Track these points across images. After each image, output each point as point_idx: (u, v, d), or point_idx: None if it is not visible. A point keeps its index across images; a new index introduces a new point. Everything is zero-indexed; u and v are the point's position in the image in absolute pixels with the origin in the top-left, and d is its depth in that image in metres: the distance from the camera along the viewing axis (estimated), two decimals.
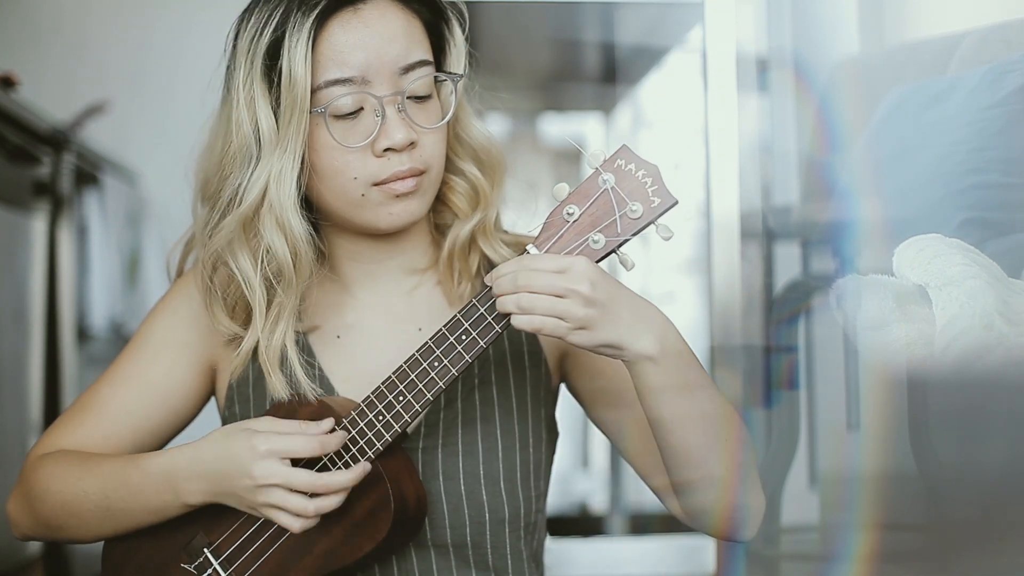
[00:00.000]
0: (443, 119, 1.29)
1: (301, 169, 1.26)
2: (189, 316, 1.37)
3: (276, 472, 1.19)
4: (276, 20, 1.25)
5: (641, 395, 1.20)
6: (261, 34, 1.26)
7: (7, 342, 2.26)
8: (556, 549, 3.33)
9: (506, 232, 1.41)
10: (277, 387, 1.30)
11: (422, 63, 1.28)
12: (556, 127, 5.58)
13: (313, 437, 1.21)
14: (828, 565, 1.90)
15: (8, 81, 2.33)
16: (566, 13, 3.90)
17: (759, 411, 2.27)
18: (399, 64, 1.26)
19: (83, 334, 2.62)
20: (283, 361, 1.31)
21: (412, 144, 1.26)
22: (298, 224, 1.27)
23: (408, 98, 1.26)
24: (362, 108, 1.26)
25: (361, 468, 1.22)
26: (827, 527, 2.23)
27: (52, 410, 2.43)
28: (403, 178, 1.26)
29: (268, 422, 1.23)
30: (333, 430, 1.23)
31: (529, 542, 1.37)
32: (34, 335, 2.41)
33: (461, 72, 1.32)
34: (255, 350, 1.31)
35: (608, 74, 4.84)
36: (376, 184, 1.26)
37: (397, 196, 1.26)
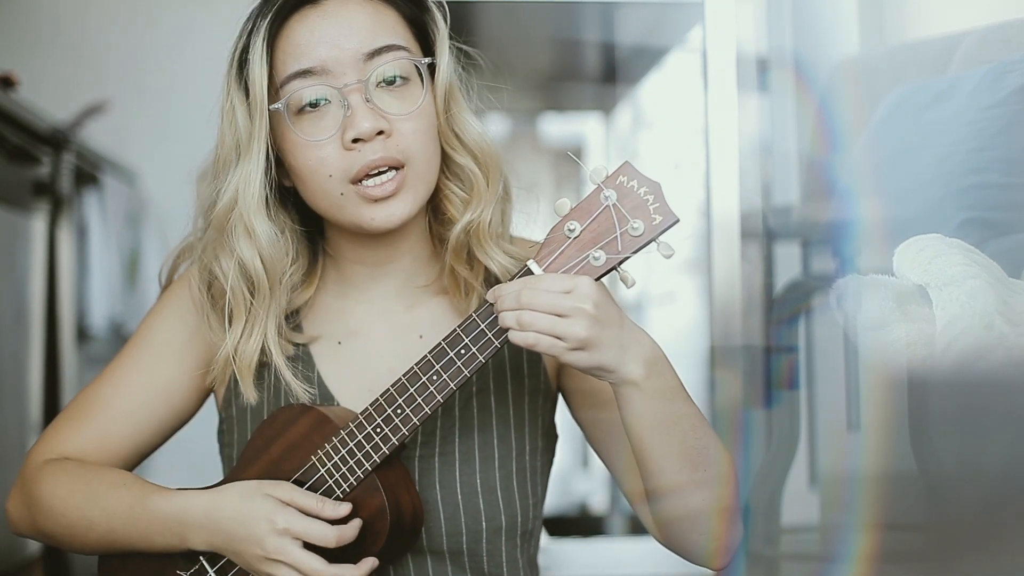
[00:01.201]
0: (428, 109, 1.27)
1: (267, 170, 1.26)
2: (190, 317, 1.37)
3: (288, 552, 1.19)
4: (248, 29, 1.28)
5: (624, 419, 1.20)
6: (236, 45, 1.29)
7: (7, 342, 2.26)
8: (555, 549, 3.32)
9: (512, 238, 1.39)
10: (248, 393, 1.30)
11: (389, 48, 1.25)
12: (556, 127, 5.58)
13: (331, 528, 1.20)
14: (828, 565, 1.90)
15: (8, 81, 2.33)
16: (566, 13, 3.89)
17: (759, 411, 2.27)
18: (362, 51, 1.24)
19: (83, 334, 2.62)
20: (265, 367, 1.32)
21: (382, 133, 1.24)
22: (264, 228, 1.27)
23: (379, 86, 1.25)
24: (329, 102, 1.24)
25: (369, 564, 1.22)
26: (827, 527, 2.23)
27: (52, 410, 2.43)
28: (377, 167, 1.23)
29: (289, 491, 1.22)
30: (350, 517, 1.22)
31: (526, 549, 1.36)
32: (34, 335, 2.41)
33: (446, 63, 1.30)
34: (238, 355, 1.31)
35: (608, 74, 4.84)
36: (353, 182, 1.24)
37: (376, 200, 1.25)
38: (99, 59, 3.20)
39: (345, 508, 1.21)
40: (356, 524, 1.22)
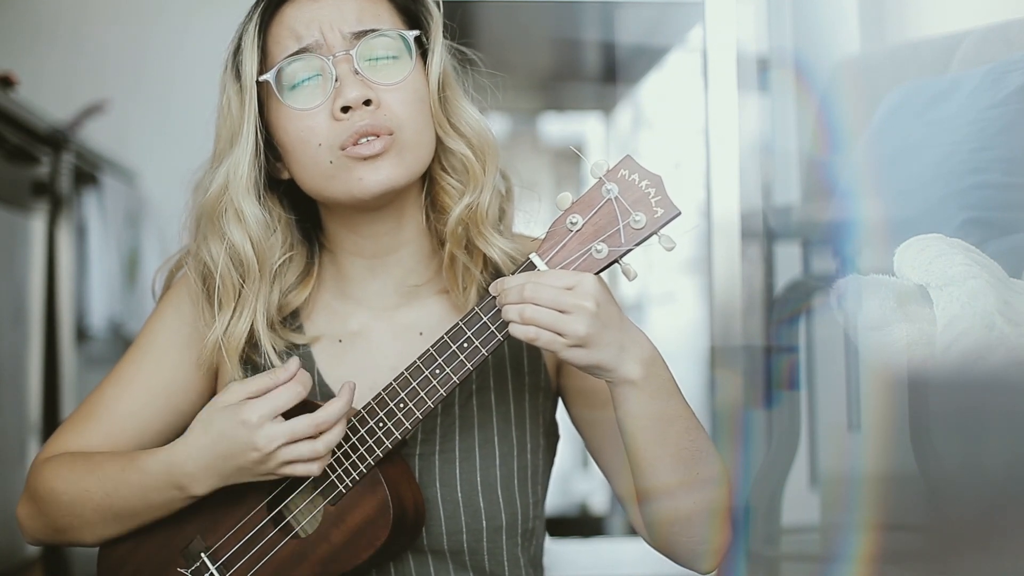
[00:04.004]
0: (417, 84, 1.29)
1: (256, 152, 1.29)
2: (191, 317, 1.37)
3: (278, 433, 1.19)
4: (243, 23, 1.31)
5: (619, 418, 1.21)
6: (232, 41, 1.32)
7: (6, 342, 2.26)
8: (556, 550, 3.32)
9: (513, 235, 1.40)
10: (234, 373, 1.32)
11: (376, 30, 1.28)
12: (556, 127, 5.58)
13: (292, 384, 1.21)
14: (829, 566, 1.90)
15: (7, 81, 2.33)
16: (566, 13, 3.90)
17: (760, 411, 2.26)
18: (352, 30, 1.27)
19: (82, 334, 2.62)
20: (255, 352, 1.33)
21: (370, 102, 1.25)
22: (253, 211, 1.29)
23: (369, 60, 1.27)
24: (320, 75, 1.27)
25: (348, 387, 1.22)
26: (828, 527, 2.23)
27: (51, 410, 2.43)
28: (365, 134, 1.25)
29: (237, 389, 1.22)
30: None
31: (527, 548, 1.36)
32: (33, 335, 2.40)
33: (439, 47, 1.31)
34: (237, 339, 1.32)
35: (608, 74, 4.84)
36: (343, 149, 1.26)
37: (364, 159, 1.25)
38: (99, 59, 3.20)
39: (293, 363, 1.22)
40: (346, 389, 1.22)
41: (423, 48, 1.32)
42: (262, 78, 1.28)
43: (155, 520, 1.29)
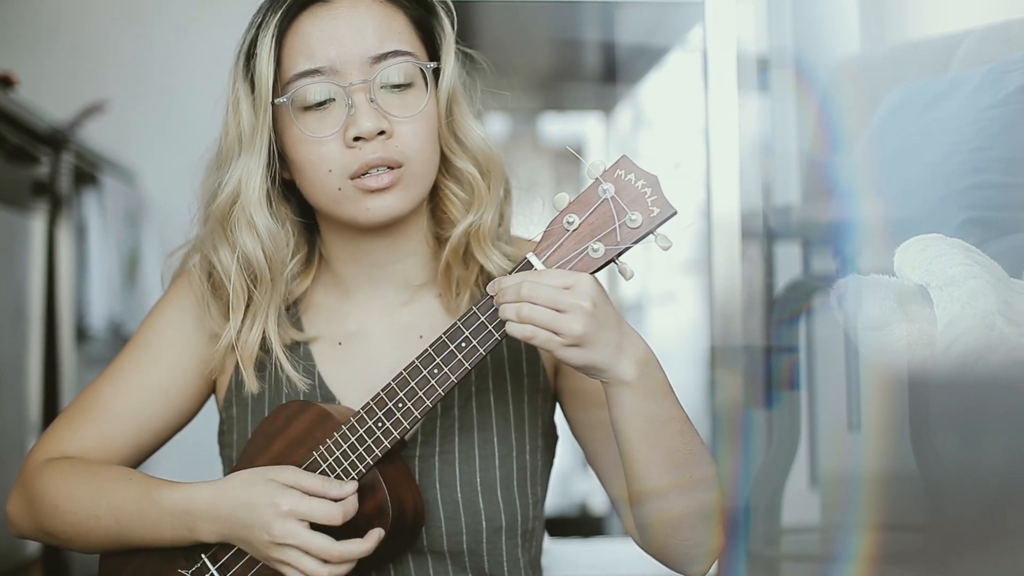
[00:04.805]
0: (430, 114, 1.29)
1: (269, 164, 1.28)
2: (192, 314, 1.37)
3: (294, 534, 1.19)
4: (258, 23, 1.29)
5: (613, 419, 1.21)
6: (244, 39, 1.31)
7: (6, 342, 2.26)
8: (556, 550, 3.33)
9: (511, 238, 1.40)
10: (251, 382, 1.32)
11: (396, 53, 1.27)
12: (556, 127, 5.59)
13: (336, 506, 1.20)
14: (829, 566, 1.90)
15: (7, 80, 2.33)
16: (566, 13, 3.90)
17: (760, 411, 2.26)
18: (369, 54, 1.26)
19: (82, 334, 2.62)
20: (266, 356, 1.33)
21: (383, 133, 1.25)
22: (265, 221, 1.29)
23: (384, 87, 1.27)
24: (334, 100, 1.26)
25: (376, 535, 1.22)
26: (828, 528, 2.22)
27: (51, 410, 2.43)
28: (375, 166, 1.25)
29: (293, 474, 1.22)
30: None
31: (527, 549, 1.36)
32: (33, 335, 2.40)
33: (451, 67, 1.32)
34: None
35: (608, 74, 4.85)
36: (352, 178, 1.26)
37: (372, 191, 1.26)
38: (99, 59, 3.20)
39: (351, 487, 1.22)
40: (373, 535, 1.22)
41: (436, 70, 1.31)
42: (278, 100, 1.27)
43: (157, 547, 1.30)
